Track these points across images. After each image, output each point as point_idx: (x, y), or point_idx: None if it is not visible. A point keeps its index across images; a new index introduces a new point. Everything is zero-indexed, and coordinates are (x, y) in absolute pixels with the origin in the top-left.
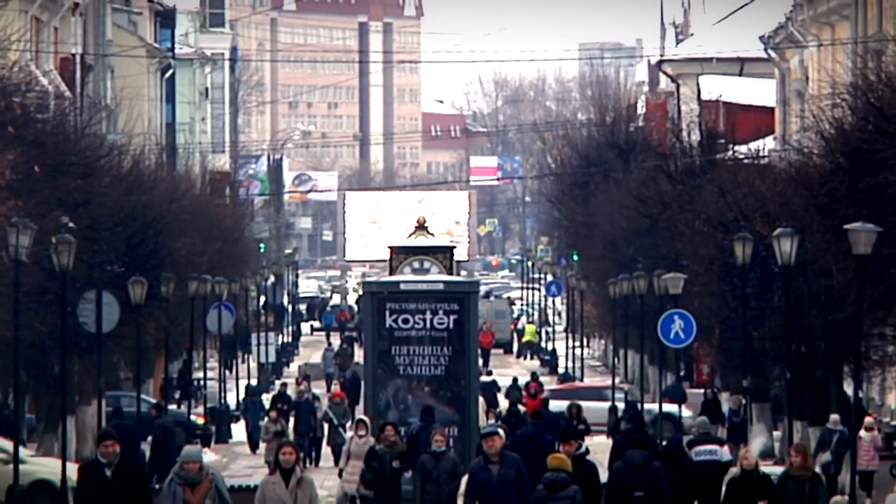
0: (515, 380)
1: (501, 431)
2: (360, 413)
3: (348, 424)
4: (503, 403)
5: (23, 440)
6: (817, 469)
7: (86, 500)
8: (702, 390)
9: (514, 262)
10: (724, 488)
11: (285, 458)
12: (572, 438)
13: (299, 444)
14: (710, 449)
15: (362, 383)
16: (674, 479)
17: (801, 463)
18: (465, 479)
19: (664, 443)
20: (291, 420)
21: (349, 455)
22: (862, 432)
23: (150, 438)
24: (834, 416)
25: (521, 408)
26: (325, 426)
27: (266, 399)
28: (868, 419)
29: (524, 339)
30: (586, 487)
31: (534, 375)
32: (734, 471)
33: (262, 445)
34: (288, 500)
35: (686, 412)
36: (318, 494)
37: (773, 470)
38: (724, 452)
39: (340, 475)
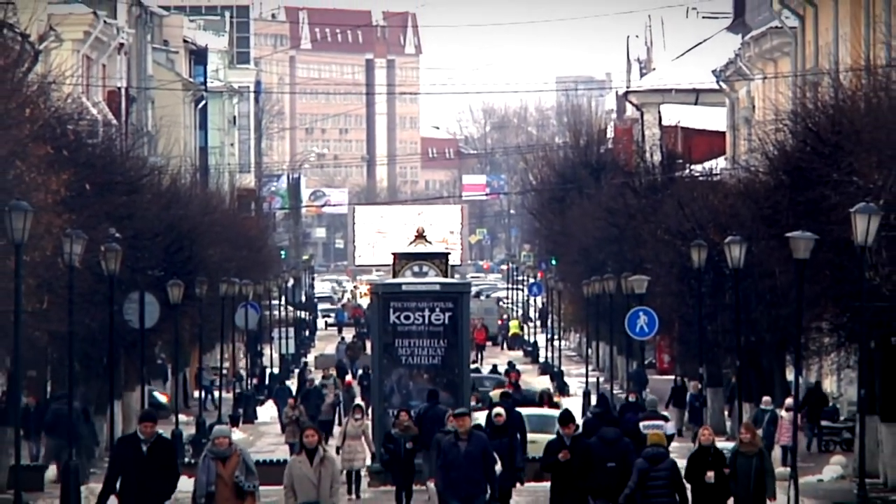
0: (494, 367)
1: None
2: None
3: None
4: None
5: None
6: None
7: (119, 469)
8: (663, 376)
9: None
10: (685, 462)
11: (308, 440)
12: (570, 422)
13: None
14: (656, 424)
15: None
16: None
17: (749, 439)
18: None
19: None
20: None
21: (345, 435)
22: (783, 412)
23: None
24: (766, 398)
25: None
26: (335, 410)
27: (289, 384)
28: (788, 400)
29: (510, 333)
30: (585, 463)
31: (511, 365)
32: (692, 446)
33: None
34: (313, 476)
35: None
36: (339, 470)
37: (724, 445)
38: (668, 427)
39: (337, 452)
